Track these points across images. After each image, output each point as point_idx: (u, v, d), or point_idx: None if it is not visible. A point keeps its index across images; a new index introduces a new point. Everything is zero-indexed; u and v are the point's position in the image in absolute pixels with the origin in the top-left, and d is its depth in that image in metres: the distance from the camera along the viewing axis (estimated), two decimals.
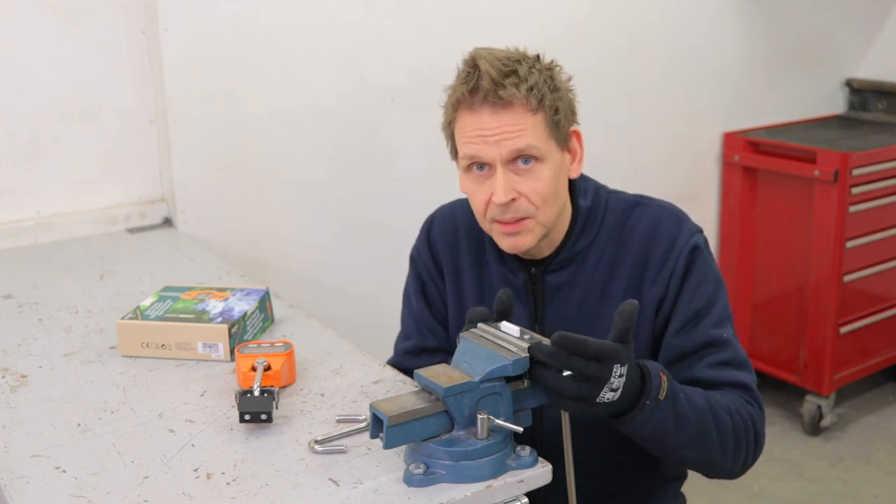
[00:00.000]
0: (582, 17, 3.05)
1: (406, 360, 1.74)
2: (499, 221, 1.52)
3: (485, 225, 1.56)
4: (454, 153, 1.57)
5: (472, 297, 1.67)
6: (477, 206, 1.54)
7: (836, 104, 3.85)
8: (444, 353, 1.70)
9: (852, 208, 3.18)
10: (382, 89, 2.72)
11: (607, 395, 1.25)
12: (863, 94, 3.82)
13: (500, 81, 1.45)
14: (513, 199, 1.48)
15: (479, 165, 1.50)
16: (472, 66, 1.48)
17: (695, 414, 1.38)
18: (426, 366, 1.68)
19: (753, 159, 3.40)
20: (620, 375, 1.25)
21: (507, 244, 1.54)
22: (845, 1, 3.74)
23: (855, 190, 3.18)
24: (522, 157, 1.48)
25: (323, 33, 2.59)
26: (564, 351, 1.22)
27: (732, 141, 3.46)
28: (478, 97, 1.46)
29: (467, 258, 1.68)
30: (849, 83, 3.83)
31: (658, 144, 3.35)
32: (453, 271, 1.70)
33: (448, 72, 1.57)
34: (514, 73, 1.46)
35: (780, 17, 3.56)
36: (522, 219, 1.50)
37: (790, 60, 3.64)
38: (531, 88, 1.46)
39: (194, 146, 2.47)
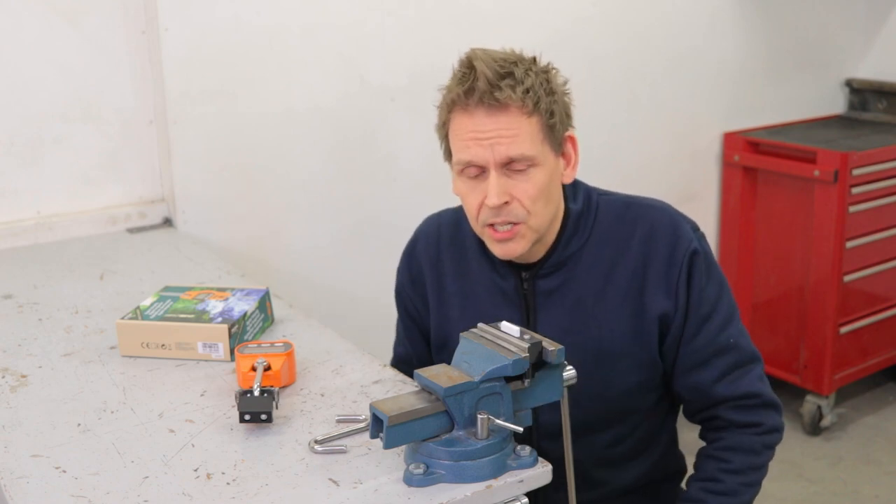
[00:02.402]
0: (582, 18, 3.04)
1: (399, 365, 1.77)
2: (491, 227, 1.50)
3: (477, 228, 1.55)
4: (448, 155, 1.55)
5: (457, 307, 1.66)
6: (470, 209, 1.52)
7: (836, 104, 3.85)
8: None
9: (852, 208, 3.18)
10: (382, 89, 2.72)
11: None
12: (863, 94, 3.82)
13: (497, 83, 1.42)
14: (505, 203, 1.47)
15: (473, 168, 1.48)
16: (468, 67, 1.45)
17: None
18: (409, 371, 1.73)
19: (753, 159, 3.40)
20: None
21: (499, 251, 1.53)
22: (845, 1, 3.74)
23: (855, 190, 3.18)
24: (516, 162, 1.47)
25: (323, 33, 2.59)
26: None
27: (732, 141, 3.46)
28: (473, 99, 1.44)
29: (450, 270, 1.68)
30: (849, 83, 3.83)
31: (658, 144, 3.35)
32: (437, 285, 1.69)
33: (448, 72, 1.56)
34: (511, 74, 1.44)
35: (780, 17, 3.56)
36: (515, 224, 1.49)
37: (790, 60, 3.63)
38: (527, 91, 1.44)
39: (194, 146, 2.47)
